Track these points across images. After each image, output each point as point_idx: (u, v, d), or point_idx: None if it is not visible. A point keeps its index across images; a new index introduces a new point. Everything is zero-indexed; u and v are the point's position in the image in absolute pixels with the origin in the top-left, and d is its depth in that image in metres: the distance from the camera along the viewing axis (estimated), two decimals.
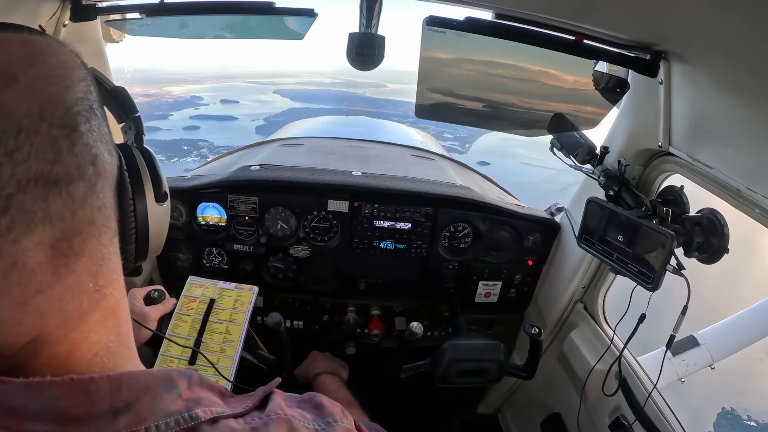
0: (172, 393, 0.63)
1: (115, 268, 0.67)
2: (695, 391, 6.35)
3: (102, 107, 0.68)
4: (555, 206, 2.60)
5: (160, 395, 0.61)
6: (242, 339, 1.75)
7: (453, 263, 2.56)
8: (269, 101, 63.20)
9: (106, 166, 0.64)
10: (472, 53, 1.78)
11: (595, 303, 2.35)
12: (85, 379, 0.56)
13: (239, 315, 1.80)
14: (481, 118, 2.14)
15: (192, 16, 1.68)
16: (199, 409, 0.63)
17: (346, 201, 2.39)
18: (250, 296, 1.85)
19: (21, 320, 0.55)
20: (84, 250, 0.59)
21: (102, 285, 0.63)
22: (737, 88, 1.34)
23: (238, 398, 0.76)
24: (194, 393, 0.66)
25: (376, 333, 2.57)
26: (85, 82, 0.65)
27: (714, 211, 1.61)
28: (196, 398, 0.65)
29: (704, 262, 1.65)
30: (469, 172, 3.56)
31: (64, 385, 0.55)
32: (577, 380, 2.27)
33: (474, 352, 2.12)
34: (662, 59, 1.54)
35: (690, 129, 1.59)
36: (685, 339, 2.84)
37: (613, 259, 1.78)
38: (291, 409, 0.76)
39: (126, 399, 0.58)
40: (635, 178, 1.94)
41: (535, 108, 2.05)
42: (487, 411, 3.29)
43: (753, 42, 1.12)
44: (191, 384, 0.68)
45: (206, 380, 0.72)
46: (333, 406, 0.84)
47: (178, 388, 0.64)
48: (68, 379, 0.55)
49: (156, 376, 0.63)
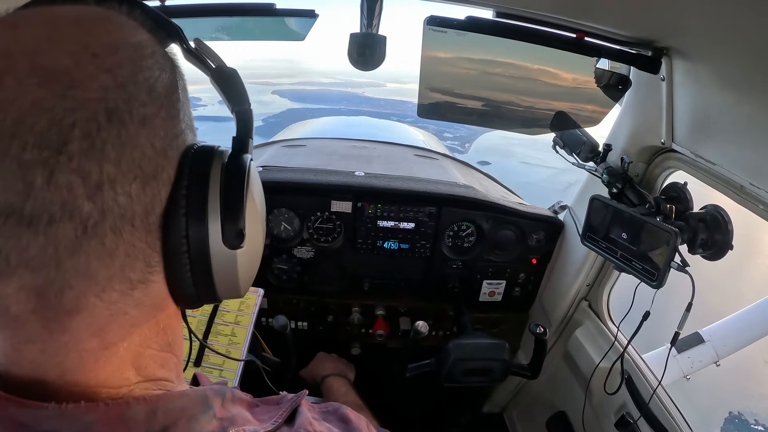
0: (207, 414, 0.62)
1: (141, 318, 0.59)
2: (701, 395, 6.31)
3: (166, 103, 0.56)
4: (558, 204, 2.59)
5: (195, 417, 0.60)
6: (248, 341, 1.75)
7: (457, 262, 2.56)
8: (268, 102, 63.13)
9: (121, 200, 0.50)
10: (474, 52, 1.78)
11: (600, 301, 2.34)
12: (121, 404, 0.54)
13: (245, 317, 1.80)
14: (483, 117, 2.14)
15: (192, 19, 1.68)
16: (234, 429, 0.62)
17: (350, 201, 2.39)
18: (256, 298, 1.85)
19: (19, 363, 0.53)
20: (79, 308, 0.51)
21: (114, 341, 0.56)
22: (740, 83, 1.34)
23: (265, 408, 0.75)
24: (228, 411, 0.66)
25: (380, 333, 2.57)
26: (123, 70, 0.52)
27: (718, 208, 1.61)
28: (230, 417, 0.65)
29: (708, 258, 1.65)
30: (472, 171, 3.55)
31: (100, 411, 0.53)
32: (582, 378, 2.27)
33: (478, 351, 2.12)
34: (664, 56, 1.54)
35: (693, 125, 1.58)
36: (690, 336, 2.83)
37: (617, 256, 1.77)
38: (319, 423, 0.75)
39: (162, 423, 0.56)
40: (638, 176, 1.94)
41: (537, 106, 2.05)
42: (493, 410, 3.29)
43: (755, 37, 1.12)
44: (225, 402, 0.67)
45: (237, 395, 0.72)
46: (359, 420, 0.83)
47: (212, 408, 0.63)
48: (104, 404, 0.53)
49: (192, 398, 0.62)
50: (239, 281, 0.66)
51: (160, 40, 0.62)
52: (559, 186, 19.04)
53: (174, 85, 0.59)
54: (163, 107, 0.55)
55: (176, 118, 0.58)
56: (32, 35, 0.50)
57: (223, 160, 0.62)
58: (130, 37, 0.56)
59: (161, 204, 0.55)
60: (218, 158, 0.62)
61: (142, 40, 0.57)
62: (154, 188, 0.54)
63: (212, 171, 0.60)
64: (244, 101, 0.71)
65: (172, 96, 0.58)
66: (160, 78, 0.56)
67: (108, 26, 0.55)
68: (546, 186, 7.25)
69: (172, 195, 0.56)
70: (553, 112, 2.02)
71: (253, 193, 0.67)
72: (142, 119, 0.52)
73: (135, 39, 0.56)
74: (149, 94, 0.53)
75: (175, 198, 0.56)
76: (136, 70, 0.53)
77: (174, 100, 0.58)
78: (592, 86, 1.84)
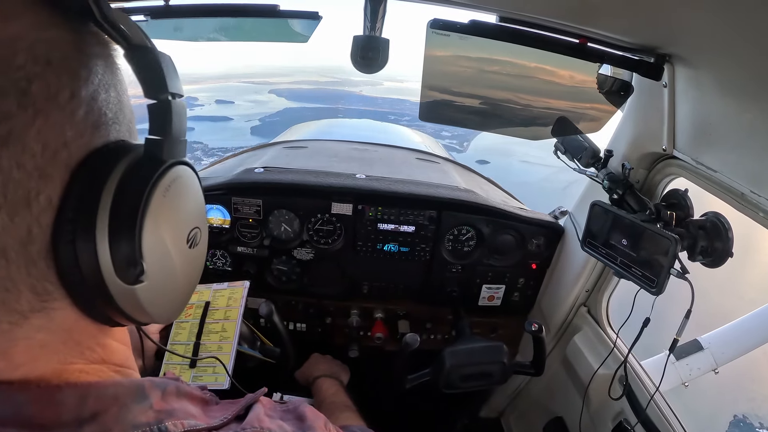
0: (143, 404, 0.60)
1: (53, 340, 0.55)
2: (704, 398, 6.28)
3: (47, 106, 0.48)
4: (559, 210, 2.60)
5: (128, 406, 0.58)
6: (237, 333, 1.77)
7: (456, 266, 2.56)
8: (265, 101, 63.08)
9: None
10: (477, 56, 1.78)
11: (599, 307, 2.34)
12: (52, 387, 0.54)
13: (233, 311, 1.83)
14: (486, 121, 2.14)
15: (196, 19, 1.69)
16: (170, 421, 0.60)
17: (350, 204, 2.39)
18: (242, 291, 1.88)
19: None
20: None
21: (23, 362, 0.54)
22: (741, 91, 1.34)
23: (223, 406, 0.73)
24: (168, 404, 0.63)
25: (379, 336, 2.57)
26: None
27: (718, 215, 1.61)
28: (169, 410, 0.62)
29: (708, 266, 1.65)
30: (472, 176, 3.56)
31: (32, 392, 0.53)
32: (580, 384, 2.27)
33: (474, 356, 2.12)
34: (666, 62, 1.54)
35: (694, 132, 1.58)
36: (689, 343, 2.83)
37: (616, 262, 1.77)
38: (271, 420, 0.73)
39: (93, 409, 0.56)
40: (639, 182, 1.94)
41: (538, 111, 2.05)
42: (490, 415, 3.28)
43: (757, 45, 1.12)
44: (166, 395, 0.64)
45: (185, 389, 0.69)
46: (316, 418, 0.81)
47: (149, 399, 0.61)
48: (35, 386, 0.53)
49: (126, 387, 0.60)
50: (153, 315, 0.61)
51: (65, 16, 0.53)
52: (559, 185, 19.02)
53: (69, 76, 0.51)
54: (41, 114, 0.48)
55: (67, 122, 0.51)
56: None
57: (122, 172, 0.55)
58: (3, 28, 0.47)
59: (44, 231, 0.50)
60: (120, 168, 0.55)
61: (19, 30, 0.47)
62: (27, 217, 0.48)
63: (107, 187, 0.53)
64: (163, 90, 0.57)
65: (59, 94, 0.50)
66: (39, 76, 0.48)
67: None
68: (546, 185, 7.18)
69: (58, 220, 0.50)
70: (555, 117, 2.02)
71: (169, 208, 0.59)
72: (5, 137, 0.45)
73: (8, 31, 0.47)
74: (18, 102, 0.46)
75: (60, 223, 0.51)
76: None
77: (64, 99, 0.50)
78: (593, 88, 1.84)
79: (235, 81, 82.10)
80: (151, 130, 0.58)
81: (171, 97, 0.58)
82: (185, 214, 0.64)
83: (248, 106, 60.27)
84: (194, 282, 0.71)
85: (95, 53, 0.56)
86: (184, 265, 0.65)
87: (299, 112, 48.32)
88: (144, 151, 0.58)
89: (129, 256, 0.54)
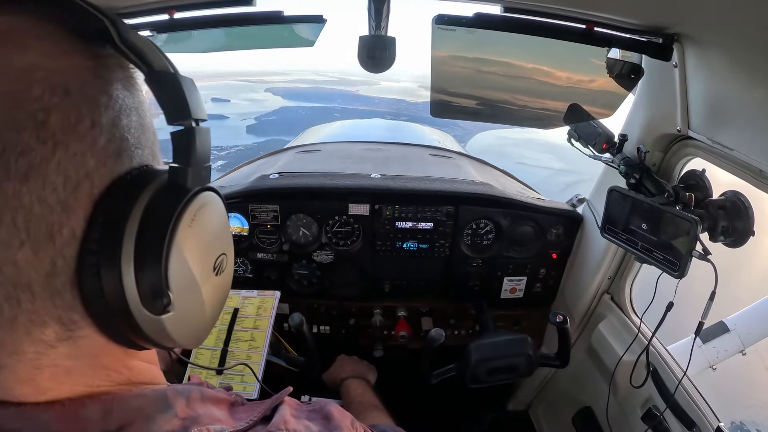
0: (167, 413, 0.59)
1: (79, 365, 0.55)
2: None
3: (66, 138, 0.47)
4: (576, 198, 2.58)
5: (152, 417, 0.58)
6: (267, 344, 1.77)
7: (477, 261, 2.55)
8: (261, 100, 62.90)
9: (7, 270, 0.46)
10: (484, 49, 1.78)
11: (622, 293, 2.32)
12: (76, 403, 0.54)
13: (263, 321, 1.83)
14: (496, 114, 2.13)
15: (203, 30, 1.70)
16: (196, 428, 0.60)
17: (367, 204, 2.40)
18: (273, 301, 1.88)
19: None
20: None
21: (50, 387, 0.54)
22: (753, 66, 1.32)
23: (248, 407, 0.73)
24: (193, 411, 0.62)
25: (403, 334, 2.57)
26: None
27: (737, 194, 1.58)
28: (194, 416, 0.61)
29: (730, 246, 1.63)
30: (487, 168, 3.54)
31: (56, 410, 0.53)
32: (607, 372, 2.25)
33: (500, 349, 2.11)
34: (675, 42, 1.52)
35: (708, 111, 1.56)
36: (714, 325, 2.78)
37: (637, 247, 1.76)
38: (297, 421, 0.72)
39: (117, 423, 0.55)
40: (656, 165, 1.92)
41: (549, 101, 2.04)
42: (518, 408, 3.27)
43: (765, 19, 1.10)
44: (190, 401, 0.64)
45: (209, 394, 0.68)
46: (343, 417, 0.81)
47: (173, 408, 0.60)
48: (59, 404, 0.53)
49: (149, 398, 0.60)
50: (180, 341, 0.61)
51: (83, 42, 0.52)
52: (556, 188, 18.71)
53: (89, 105, 0.50)
54: (60, 145, 0.47)
55: (89, 152, 0.50)
56: None
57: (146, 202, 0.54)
58: (17, 59, 0.46)
59: (69, 264, 0.50)
60: (145, 198, 0.54)
61: (34, 59, 0.47)
62: (51, 251, 0.48)
63: (131, 218, 0.52)
64: (186, 116, 0.56)
65: (79, 124, 0.49)
66: (58, 107, 0.47)
67: None
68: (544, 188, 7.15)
69: (82, 252, 0.50)
70: (566, 105, 2.01)
71: (196, 237, 0.59)
72: (24, 172, 0.44)
73: (23, 61, 0.46)
74: (36, 135, 0.45)
75: (84, 255, 0.50)
76: (15, 106, 0.44)
77: (84, 128, 0.49)
78: (604, 79, 1.83)
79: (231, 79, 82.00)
80: (175, 157, 0.57)
81: (195, 123, 0.56)
82: (211, 242, 0.64)
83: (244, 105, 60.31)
84: (220, 307, 0.70)
85: (115, 78, 0.55)
86: (210, 293, 0.64)
87: (295, 111, 48.17)
88: (168, 180, 0.57)
89: (156, 288, 0.53)
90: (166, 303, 0.54)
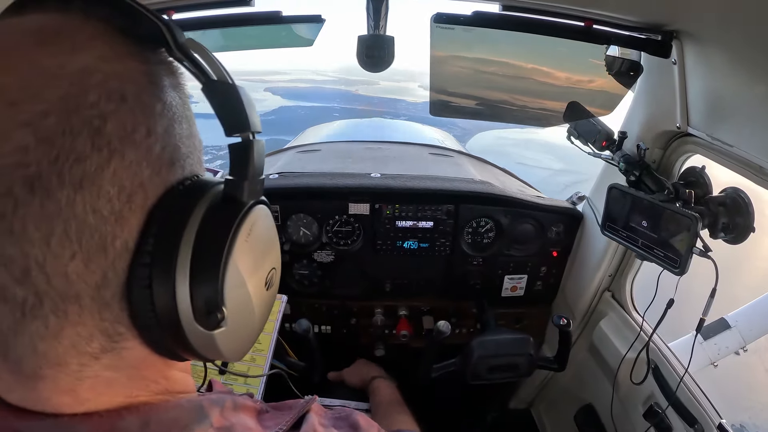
0: (203, 424, 0.58)
1: (120, 377, 0.55)
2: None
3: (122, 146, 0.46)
4: (576, 195, 2.58)
5: (190, 427, 0.56)
6: (272, 348, 1.76)
7: (477, 259, 2.55)
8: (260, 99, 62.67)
9: (56, 282, 0.44)
10: (483, 48, 1.78)
11: (623, 291, 2.32)
12: (114, 415, 0.53)
13: (268, 324, 1.81)
14: (495, 112, 2.14)
15: (201, 31, 1.70)
16: None
17: (367, 203, 2.39)
18: (279, 305, 1.87)
19: (8, 397, 0.51)
20: (40, 375, 0.49)
21: (89, 398, 0.52)
22: (752, 63, 1.32)
23: (273, 415, 0.71)
24: (227, 420, 0.61)
25: (404, 333, 2.57)
26: (49, 119, 0.42)
27: (738, 190, 1.58)
28: (229, 426, 0.60)
29: (731, 242, 1.63)
30: (487, 167, 3.54)
31: (94, 422, 0.52)
32: (609, 370, 2.25)
33: (502, 347, 2.12)
34: (674, 39, 1.52)
35: (707, 108, 1.56)
36: (715, 322, 2.79)
37: (638, 245, 1.76)
38: (326, 429, 0.72)
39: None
40: (655, 162, 1.92)
41: (547, 100, 2.04)
42: (520, 406, 3.27)
43: (764, 15, 1.10)
44: (224, 411, 0.62)
45: (240, 402, 0.67)
46: (369, 426, 0.80)
47: (209, 418, 0.59)
48: (97, 415, 0.52)
49: (186, 408, 0.58)
50: (227, 354, 0.59)
51: (136, 45, 0.51)
52: (556, 188, 18.61)
53: (144, 112, 0.49)
54: (116, 154, 0.46)
55: (144, 160, 0.48)
56: None
57: (202, 215, 0.52)
58: (72, 61, 0.45)
59: (119, 276, 0.48)
60: (200, 211, 0.53)
61: (89, 62, 0.45)
62: (103, 263, 0.47)
63: (187, 231, 0.51)
64: (245, 128, 0.55)
65: (135, 132, 0.47)
66: (114, 113, 0.46)
67: (46, 49, 0.45)
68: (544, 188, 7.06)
69: (133, 265, 0.49)
70: (565, 103, 2.01)
71: (251, 252, 0.58)
72: (79, 181, 0.43)
73: (77, 63, 0.45)
74: (92, 142, 0.44)
75: (135, 268, 0.49)
76: (71, 111, 0.43)
77: (140, 136, 0.48)
78: (604, 75, 1.83)
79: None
80: (232, 169, 0.56)
81: (252, 136, 0.55)
82: (264, 256, 0.63)
83: None
84: (266, 320, 0.69)
85: (169, 84, 0.54)
86: (260, 307, 0.63)
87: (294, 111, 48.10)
88: (224, 193, 0.56)
89: (211, 303, 0.52)
90: (221, 318, 0.53)
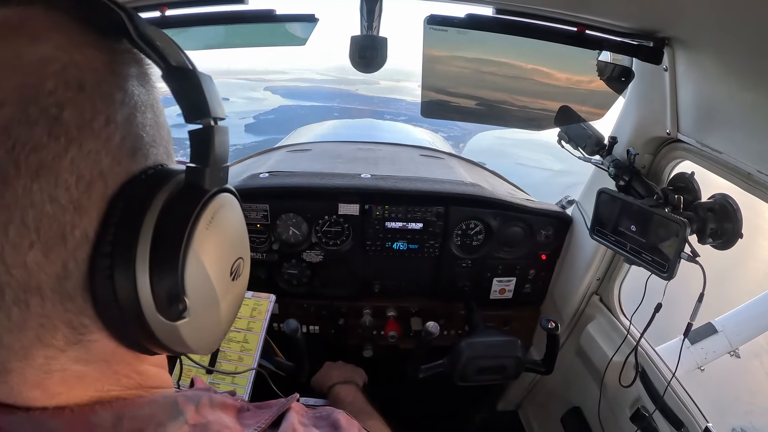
0: (177, 420, 0.57)
1: (90, 371, 0.54)
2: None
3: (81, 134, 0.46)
4: (566, 199, 2.59)
5: (163, 424, 0.55)
6: (260, 347, 1.76)
7: (466, 261, 2.56)
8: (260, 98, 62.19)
9: (16, 273, 0.44)
10: (475, 50, 1.78)
11: (611, 295, 2.34)
12: (86, 410, 0.52)
13: (257, 323, 1.81)
14: (487, 115, 2.14)
15: (194, 28, 1.69)
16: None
17: (357, 204, 2.39)
18: (267, 305, 1.86)
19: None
20: (7, 369, 0.49)
21: (59, 392, 0.52)
22: (743, 70, 1.33)
23: (254, 413, 0.70)
24: (203, 417, 0.60)
25: (392, 334, 2.56)
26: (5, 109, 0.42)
27: (726, 196, 1.60)
28: (204, 423, 0.59)
29: (718, 248, 1.64)
30: (478, 169, 3.55)
31: (65, 416, 0.51)
32: (596, 373, 2.26)
33: (491, 349, 2.12)
34: (666, 46, 1.53)
35: (697, 115, 1.58)
36: (703, 326, 2.81)
37: (626, 249, 1.77)
38: (306, 428, 0.71)
39: (129, 430, 0.53)
40: (645, 167, 1.93)
41: (541, 102, 2.04)
42: (508, 408, 3.28)
43: (756, 23, 1.11)
44: (200, 407, 0.61)
45: (218, 400, 0.66)
46: (350, 426, 0.79)
47: (183, 414, 0.58)
48: (69, 410, 0.51)
49: (160, 404, 0.58)
50: (194, 347, 0.59)
51: (98, 35, 0.50)
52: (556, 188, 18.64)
53: (104, 101, 0.49)
54: (74, 142, 0.45)
55: (103, 150, 0.48)
56: None
57: (162, 203, 0.52)
58: (30, 51, 0.44)
59: (80, 267, 0.48)
60: (161, 199, 0.52)
61: (48, 52, 0.45)
62: (63, 253, 0.46)
63: (146, 219, 0.50)
64: (205, 114, 0.53)
65: (93, 121, 0.47)
66: (72, 102, 0.45)
67: (4, 41, 0.44)
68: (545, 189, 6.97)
69: (95, 254, 0.48)
70: (556, 107, 2.01)
71: (213, 241, 0.56)
72: (36, 169, 0.43)
73: (36, 53, 0.45)
74: (49, 131, 0.43)
75: (97, 258, 0.48)
76: (28, 100, 0.43)
77: (99, 125, 0.47)
78: (594, 82, 1.84)
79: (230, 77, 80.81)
80: (192, 157, 0.55)
81: (213, 122, 0.54)
82: (229, 245, 0.62)
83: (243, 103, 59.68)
84: (235, 313, 0.68)
85: (130, 73, 0.53)
86: (226, 298, 0.62)
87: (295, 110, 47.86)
88: (185, 180, 0.55)
89: (171, 293, 0.51)
90: (182, 309, 0.52)
